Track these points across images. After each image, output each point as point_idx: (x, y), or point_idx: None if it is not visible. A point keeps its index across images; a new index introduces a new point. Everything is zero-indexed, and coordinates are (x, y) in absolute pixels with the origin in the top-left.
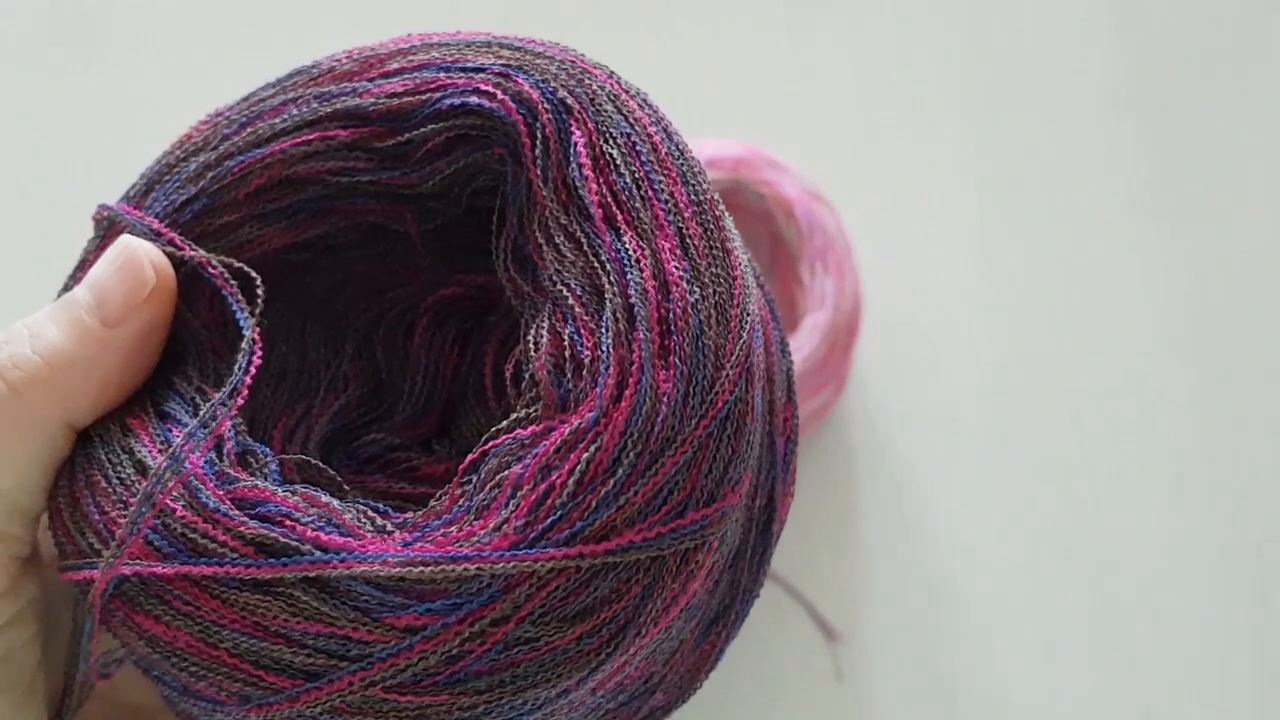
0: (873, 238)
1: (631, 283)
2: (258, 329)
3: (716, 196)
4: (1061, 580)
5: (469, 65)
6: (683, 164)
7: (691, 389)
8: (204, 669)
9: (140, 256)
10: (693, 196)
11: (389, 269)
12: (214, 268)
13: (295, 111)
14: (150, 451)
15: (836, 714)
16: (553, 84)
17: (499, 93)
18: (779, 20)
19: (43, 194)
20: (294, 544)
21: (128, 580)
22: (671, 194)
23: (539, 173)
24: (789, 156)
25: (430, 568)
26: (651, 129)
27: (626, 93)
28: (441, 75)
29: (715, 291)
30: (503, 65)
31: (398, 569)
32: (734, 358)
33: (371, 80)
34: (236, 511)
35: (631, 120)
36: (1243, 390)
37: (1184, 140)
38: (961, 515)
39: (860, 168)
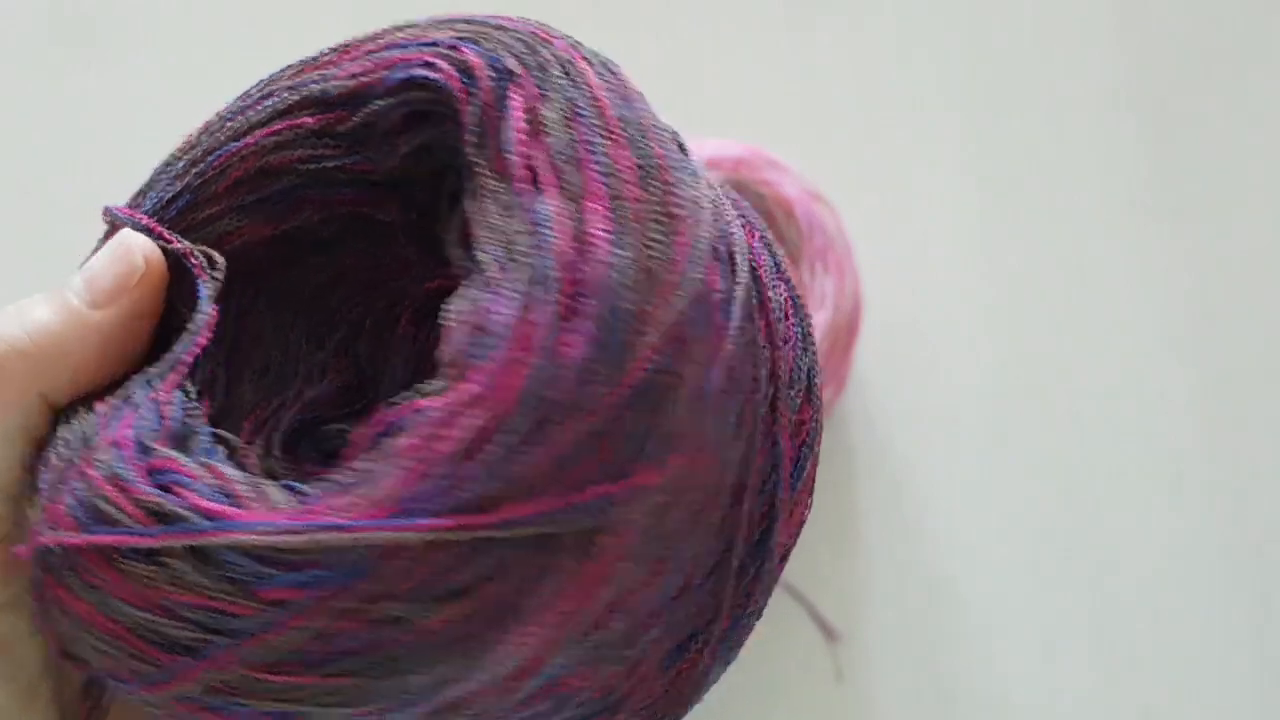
0: (873, 238)
1: (543, 242)
2: (217, 309)
3: (677, 164)
4: (1061, 580)
5: (425, 41)
6: (636, 130)
7: (601, 354)
8: (108, 645)
9: (132, 246)
10: (640, 161)
11: (379, 263)
12: (196, 258)
13: (269, 103)
14: (99, 430)
15: (836, 714)
16: (500, 52)
17: (443, 62)
18: (779, 20)
19: (43, 194)
20: (179, 511)
21: (51, 552)
22: (610, 157)
23: (474, 140)
24: (789, 156)
25: (298, 536)
26: (603, 93)
27: (584, 59)
28: (397, 52)
29: (649, 256)
30: (456, 37)
31: (268, 537)
32: (662, 326)
33: (340, 66)
34: (143, 479)
35: (579, 84)
36: (1243, 390)
37: (1184, 140)
38: (961, 515)
39: (860, 168)
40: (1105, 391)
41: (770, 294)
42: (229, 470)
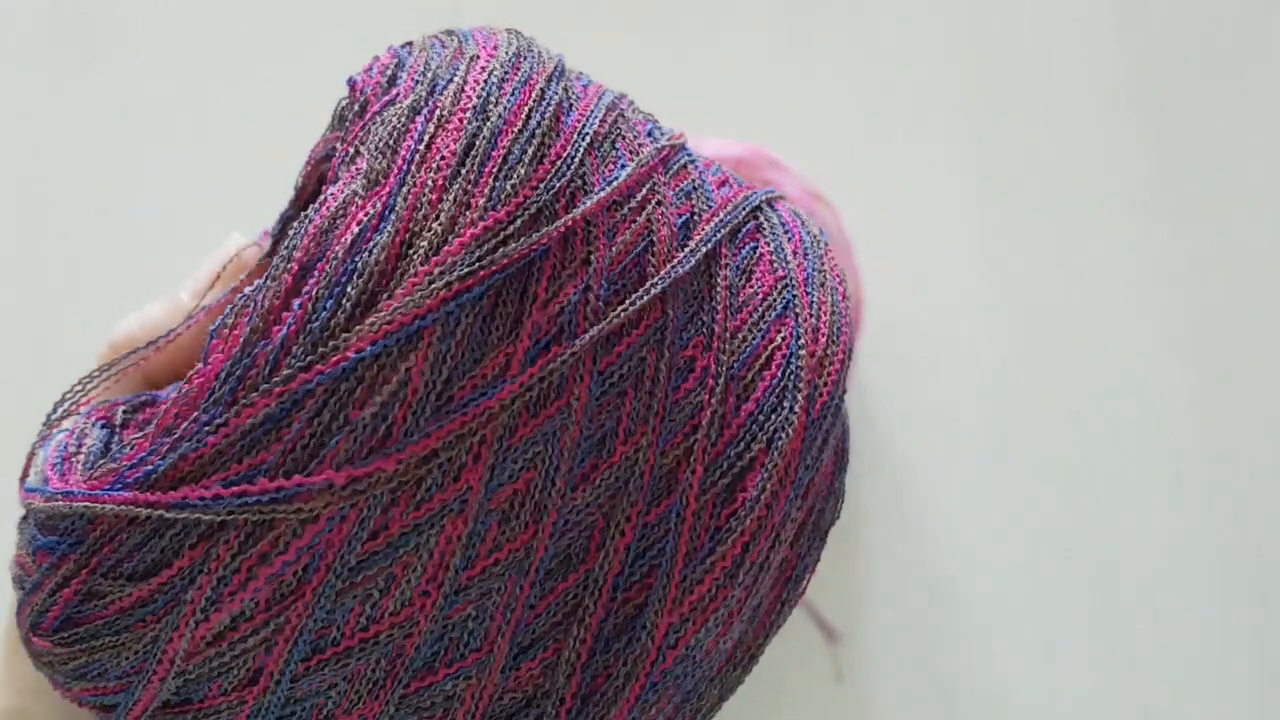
0: (873, 238)
1: (305, 221)
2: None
3: (527, 159)
4: (1061, 580)
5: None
6: (490, 123)
7: (304, 335)
8: None
9: (229, 243)
10: (465, 149)
11: None
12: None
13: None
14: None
15: (836, 714)
16: (415, 57)
17: (374, 65)
18: (779, 20)
19: (43, 194)
20: (40, 473)
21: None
22: (430, 146)
23: (341, 136)
24: (789, 156)
25: (38, 501)
26: (473, 88)
27: (482, 68)
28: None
29: (407, 244)
30: (404, 46)
31: (31, 500)
32: (392, 318)
33: None
34: (67, 442)
35: (456, 76)
36: (1243, 390)
37: (1184, 140)
38: (961, 515)
39: (860, 168)
40: (1105, 391)
41: (724, 331)
42: (90, 441)
